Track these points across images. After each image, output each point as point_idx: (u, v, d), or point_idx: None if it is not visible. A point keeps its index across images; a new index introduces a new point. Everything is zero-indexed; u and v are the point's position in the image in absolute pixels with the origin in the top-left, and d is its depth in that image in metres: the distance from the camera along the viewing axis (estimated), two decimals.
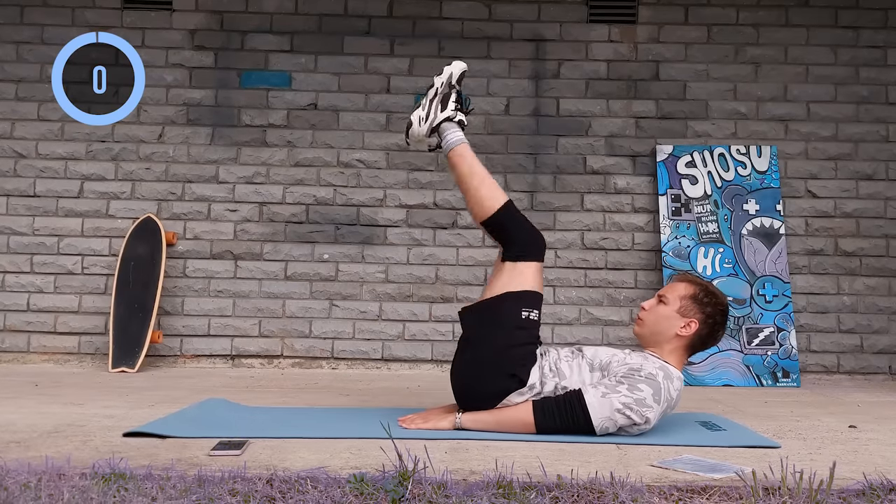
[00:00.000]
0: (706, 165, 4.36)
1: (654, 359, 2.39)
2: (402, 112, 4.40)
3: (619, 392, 2.26)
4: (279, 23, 4.45)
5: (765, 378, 4.04)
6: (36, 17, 4.42)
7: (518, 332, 2.39)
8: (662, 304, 2.44)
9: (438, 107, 2.62)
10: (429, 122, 2.61)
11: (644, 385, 2.28)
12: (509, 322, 2.39)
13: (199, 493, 1.69)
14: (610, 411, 2.25)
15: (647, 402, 2.26)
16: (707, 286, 2.47)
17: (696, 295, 2.42)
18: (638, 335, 2.49)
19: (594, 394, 2.27)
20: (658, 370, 2.33)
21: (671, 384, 2.33)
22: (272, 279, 4.32)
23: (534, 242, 2.48)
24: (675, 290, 2.45)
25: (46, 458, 1.89)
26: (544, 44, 4.46)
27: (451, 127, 2.60)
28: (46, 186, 4.35)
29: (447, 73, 2.68)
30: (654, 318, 2.43)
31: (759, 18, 4.48)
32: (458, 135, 2.60)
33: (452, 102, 2.64)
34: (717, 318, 2.42)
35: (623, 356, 2.39)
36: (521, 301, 2.40)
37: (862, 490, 1.77)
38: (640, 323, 2.48)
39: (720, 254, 4.25)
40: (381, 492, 1.72)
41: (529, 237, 2.48)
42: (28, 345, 4.26)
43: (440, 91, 2.64)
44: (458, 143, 2.58)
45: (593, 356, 2.42)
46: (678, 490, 1.78)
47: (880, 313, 4.30)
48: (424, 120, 2.61)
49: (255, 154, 4.39)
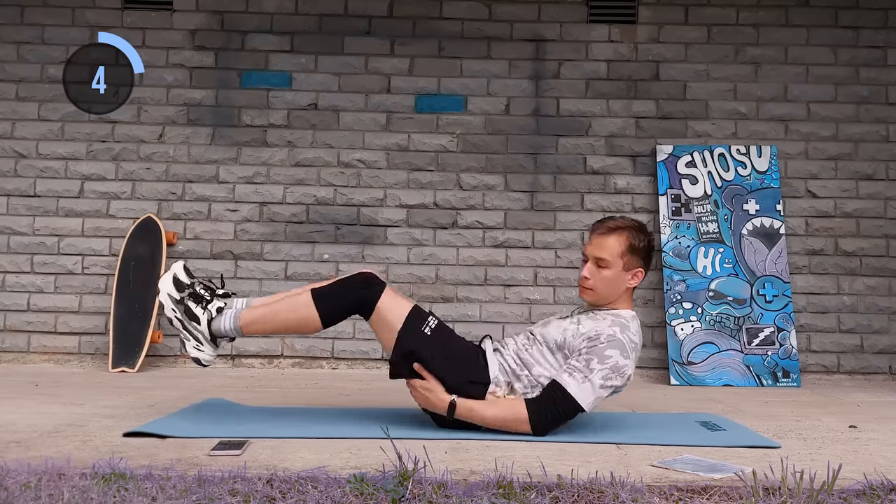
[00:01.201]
0: (706, 165, 4.36)
1: (603, 315, 2.42)
2: (402, 112, 4.40)
3: (592, 370, 2.30)
4: (279, 23, 4.45)
5: (765, 378, 4.04)
6: (36, 18, 4.43)
7: (438, 347, 2.38)
8: (604, 268, 2.41)
9: (194, 323, 2.36)
10: (205, 342, 2.37)
11: (610, 350, 2.32)
12: (423, 351, 2.38)
13: (200, 493, 1.69)
14: (594, 391, 2.30)
15: (621, 363, 2.32)
16: (631, 227, 2.43)
17: (631, 246, 2.41)
18: (589, 302, 2.49)
19: (574, 384, 2.30)
20: (613, 327, 2.36)
21: (630, 333, 2.38)
22: (272, 279, 4.32)
23: (363, 288, 2.39)
24: (609, 248, 2.41)
25: (46, 458, 1.89)
26: (544, 44, 4.46)
27: (219, 321, 2.37)
28: (47, 186, 4.35)
29: (164, 293, 2.39)
30: (602, 283, 2.43)
31: (759, 18, 4.48)
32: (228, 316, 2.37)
33: (197, 306, 2.37)
34: (653, 253, 2.49)
35: (575, 328, 2.40)
36: (410, 328, 2.37)
37: (862, 490, 1.77)
38: (587, 293, 2.45)
39: (720, 254, 4.25)
40: (382, 492, 1.72)
41: (358, 290, 2.38)
42: (28, 345, 4.26)
43: (177, 313, 2.37)
44: (237, 315, 2.38)
45: (545, 339, 2.44)
46: (678, 490, 1.78)
47: (880, 313, 4.30)
48: (200, 344, 2.37)
49: (255, 154, 4.39)
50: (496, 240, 4.34)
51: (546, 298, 4.30)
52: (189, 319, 2.37)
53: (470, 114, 4.42)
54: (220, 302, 2.40)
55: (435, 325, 2.42)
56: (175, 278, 2.42)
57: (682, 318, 4.16)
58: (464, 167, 4.39)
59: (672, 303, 4.18)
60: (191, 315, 2.37)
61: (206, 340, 2.37)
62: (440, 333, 2.42)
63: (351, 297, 2.38)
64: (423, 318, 2.42)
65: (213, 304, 2.38)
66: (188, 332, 2.37)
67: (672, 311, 4.17)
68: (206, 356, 2.38)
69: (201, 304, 2.38)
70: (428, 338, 2.39)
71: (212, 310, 2.37)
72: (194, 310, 2.37)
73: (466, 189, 4.38)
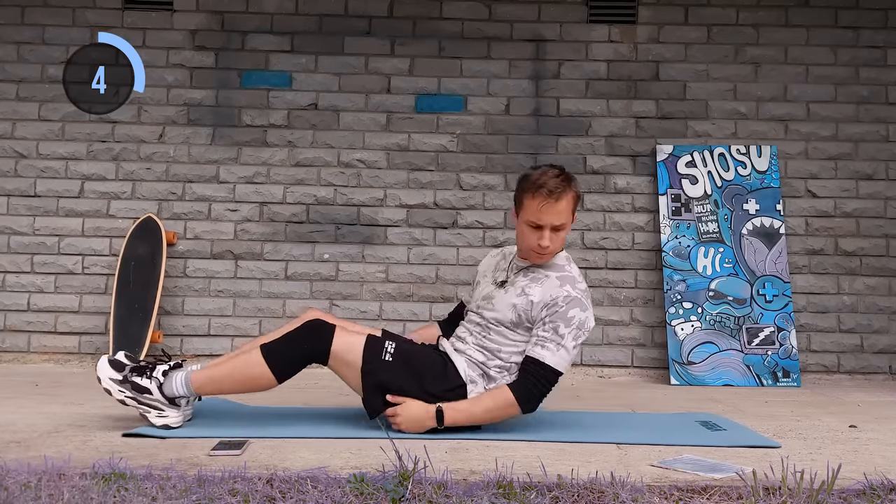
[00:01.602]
0: (706, 165, 4.36)
1: (545, 274, 2.44)
2: (402, 112, 4.40)
3: (563, 336, 2.34)
4: (280, 23, 4.45)
5: (765, 378, 4.04)
6: (37, 18, 4.43)
7: (403, 368, 2.37)
8: (560, 230, 2.41)
9: (146, 395, 2.30)
10: (165, 407, 2.32)
11: (571, 310, 2.36)
12: (390, 380, 2.36)
13: (199, 493, 1.69)
14: (569, 354, 2.36)
15: (582, 317, 2.37)
16: (569, 179, 2.41)
17: (577, 198, 2.43)
18: (536, 263, 2.48)
19: (549, 355, 2.34)
20: (564, 286, 2.39)
21: (577, 283, 2.41)
22: (272, 279, 4.32)
23: (312, 337, 2.35)
24: (564, 212, 2.39)
25: (46, 458, 1.89)
26: (544, 44, 4.46)
27: (170, 385, 2.31)
28: (47, 186, 4.35)
29: (105, 379, 2.31)
30: (558, 244, 2.43)
31: (759, 18, 4.48)
32: (179, 378, 2.31)
33: (142, 378, 2.31)
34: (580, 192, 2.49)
35: (524, 300, 2.40)
36: (371, 362, 2.35)
37: (862, 490, 1.77)
38: (545, 257, 2.45)
39: (720, 253, 4.25)
40: (382, 492, 1.72)
41: (308, 341, 2.34)
42: (28, 345, 4.26)
43: (125, 392, 2.30)
44: (188, 377, 2.33)
45: (499, 321, 2.43)
46: (678, 490, 1.78)
47: (880, 313, 4.30)
48: (162, 411, 2.31)
49: (255, 154, 4.39)
50: (496, 239, 4.34)
51: None
52: (140, 393, 2.30)
53: (470, 114, 4.42)
54: (163, 366, 2.35)
55: (394, 349, 2.39)
56: (112, 361, 2.33)
57: (682, 317, 4.16)
58: (464, 167, 4.39)
59: (672, 302, 4.18)
60: (139, 388, 2.29)
61: (166, 405, 2.31)
62: (401, 355, 2.39)
63: (301, 350, 2.33)
64: (381, 347, 2.39)
65: (156, 370, 2.33)
66: (145, 405, 2.31)
67: (672, 310, 4.17)
68: (172, 420, 2.32)
69: (144, 374, 2.32)
70: (390, 364, 2.37)
71: (158, 376, 2.31)
72: (140, 382, 2.29)
73: (466, 189, 4.38)
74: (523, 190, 2.43)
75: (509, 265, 2.57)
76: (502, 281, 2.51)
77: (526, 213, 2.41)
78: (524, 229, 2.43)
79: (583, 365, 4.25)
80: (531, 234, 2.41)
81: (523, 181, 2.45)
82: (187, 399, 2.37)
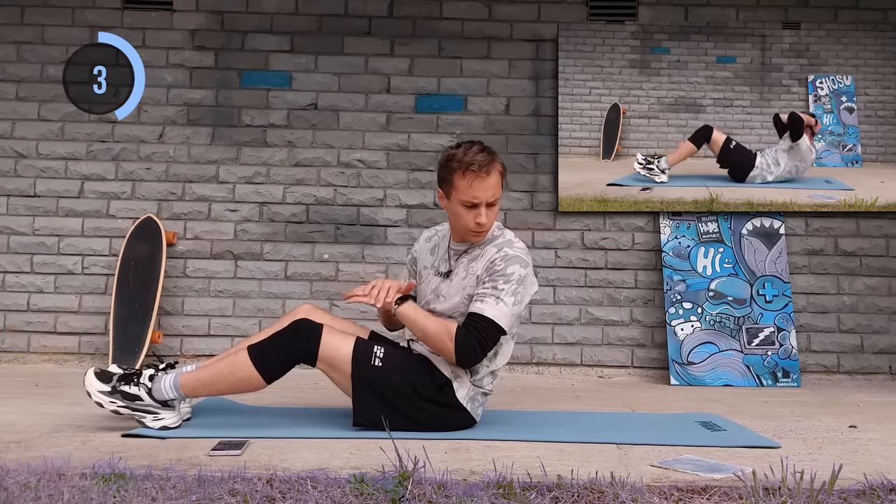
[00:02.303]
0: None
1: (482, 249, 2.45)
2: (402, 112, 4.40)
3: (502, 290, 2.35)
4: (279, 23, 4.45)
5: (765, 378, 4.04)
6: (36, 18, 4.42)
7: (393, 373, 2.37)
8: (494, 205, 2.42)
9: (137, 401, 2.31)
10: (160, 409, 2.33)
11: (510, 267, 2.37)
12: (382, 381, 2.36)
13: (199, 493, 1.69)
14: (509, 310, 2.34)
15: (522, 273, 2.37)
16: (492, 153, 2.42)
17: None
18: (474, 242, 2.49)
19: (489, 308, 2.33)
20: (502, 249, 2.39)
21: (514, 244, 2.43)
22: (272, 279, 4.32)
23: (300, 338, 2.35)
24: (495, 185, 2.40)
25: (46, 459, 1.89)
26: (544, 44, 4.46)
27: (159, 388, 2.32)
28: (47, 186, 4.35)
29: (94, 392, 2.31)
30: (493, 218, 2.45)
31: (758, 19, 4.48)
32: (167, 382, 2.32)
33: (130, 385, 2.31)
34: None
35: (472, 279, 2.41)
36: (360, 365, 2.36)
37: (862, 490, 1.77)
38: (481, 235, 2.46)
39: (720, 254, 4.25)
40: (381, 492, 1.72)
41: (295, 342, 2.34)
42: (28, 345, 4.26)
43: (116, 403, 2.31)
44: (176, 380, 2.33)
45: (451, 309, 2.43)
46: (678, 490, 1.78)
47: (880, 313, 4.30)
48: (157, 414, 2.32)
49: (255, 154, 4.39)
50: None
51: (546, 298, 4.29)
52: (131, 401, 2.30)
53: (470, 114, 4.42)
54: (149, 370, 2.35)
55: (383, 354, 2.39)
56: (98, 373, 2.34)
57: (682, 318, 4.16)
58: None
59: (672, 303, 4.18)
60: (129, 397, 2.30)
61: (159, 408, 2.32)
62: (390, 359, 2.40)
63: (289, 351, 2.33)
64: (370, 352, 2.39)
65: (143, 376, 2.33)
66: (140, 412, 2.31)
67: (672, 311, 4.17)
68: (169, 421, 2.32)
69: (132, 381, 2.32)
70: (381, 369, 2.36)
71: (145, 382, 2.32)
72: (129, 391, 2.30)
73: None
74: (451, 170, 2.40)
75: (448, 252, 2.55)
76: (447, 271, 2.50)
77: (459, 193, 2.39)
78: (459, 210, 2.41)
79: (583, 365, 4.26)
80: (467, 214, 2.40)
81: (449, 161, 2.41)
82: (180, 400, 2.37)
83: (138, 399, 2.31)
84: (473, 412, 2.46)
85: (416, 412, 2.39)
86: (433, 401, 2.38)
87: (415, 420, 2.39)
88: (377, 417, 2.32)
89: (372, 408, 2.36)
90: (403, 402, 2.37)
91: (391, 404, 2.36)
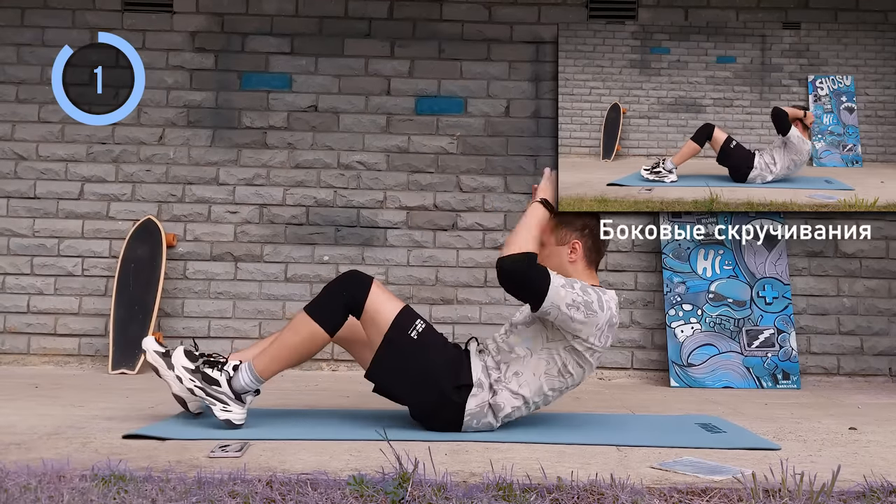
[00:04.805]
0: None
1: None
2: (402, 114, 4.40)
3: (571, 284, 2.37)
4: (279, 25, 4.45)
5: (765, 380, 4.04)
6: (36, 20, 4.43)
7: (423, 351, 2.38)
8: (540, 246, 2.45)
9: (214, 386, 2.36)
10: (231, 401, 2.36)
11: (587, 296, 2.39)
12: (410, 351, 2.38)
13: (199, 494, 1.69)
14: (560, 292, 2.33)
15: (590, 299, 2.39)
16: None
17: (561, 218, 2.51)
18: None
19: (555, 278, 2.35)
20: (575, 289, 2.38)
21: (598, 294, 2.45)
22: (272, 281, 4.32)
23: (348, 286, 2.41)
24: None
25: (46, 460, 1.89)
26: (544, 46, 4.46)
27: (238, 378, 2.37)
28: (47, 188, 4.35)
29: (178, 366, 2.40)
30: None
31: (758, 19, 4.48)
32: (244, 370, 2.37)
33: (213, 370, 2.37)
34: (591, 226, 2.53)
35: None
36: (398, 328, 2.38)
37: (862, 492, 1.77)
38: None
39: (720, 255, 4.25)
40: (381, 494, 1.72)
41: (344, 289, 2.40)
42: (28, 346, 4.26)
43: (195, 382, 2.38)
44: (251, 366, 2.38)
45: (516, 322, 2.50)
46: (678, 492, 1.78)
47: (880, 315, 4.30)
48: (227, 405, 2.35)
49: (255, 156, 4.39)
50: (496, 241, 4.34)
51: None
52: (209, 384, 2.37)
53: (470, 116, 4.42)
54: (234, 361, 2.42)
55: (422, 329, 2.41)
56: (186, 351, 2.44)
57: (682, 319, 4.16)
58: (464, 169, 4.39)
59: (672, 305, 4.18)
60: (209, 380, 2.37)
61: (232, 400, 2.36)
62: (426, 338, 2.41)
63: (339, 298, 2.40)
64: (412, 321, 2.41)
65: (228, 364, 2.40)
66: (212, 397, 2.36)
67: (672, 312, 4.17)
68: (235, 416, 2.36)
69: (217, 367, 2.39)
70: (413, 342, 2.38)
71: (228, 370, 2.38)
72: (211, 374, 2.37)
73: (466, 191, 4.38)
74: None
75: None
76: None
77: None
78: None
79: None
80: None
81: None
82: (252, 393, 2.42)
83: (216, 384, 2.36)
84: (467, 424, 2.41)
85: (421, 394, 2.40)
86: (443, 393, 2.37)
87: (416, 401, 2.43)
88: (388, 383, 2.41)
89: (387, 372, 2.40)
90: (417, 379, 2.38)
91: (406, 375, 2.39)
